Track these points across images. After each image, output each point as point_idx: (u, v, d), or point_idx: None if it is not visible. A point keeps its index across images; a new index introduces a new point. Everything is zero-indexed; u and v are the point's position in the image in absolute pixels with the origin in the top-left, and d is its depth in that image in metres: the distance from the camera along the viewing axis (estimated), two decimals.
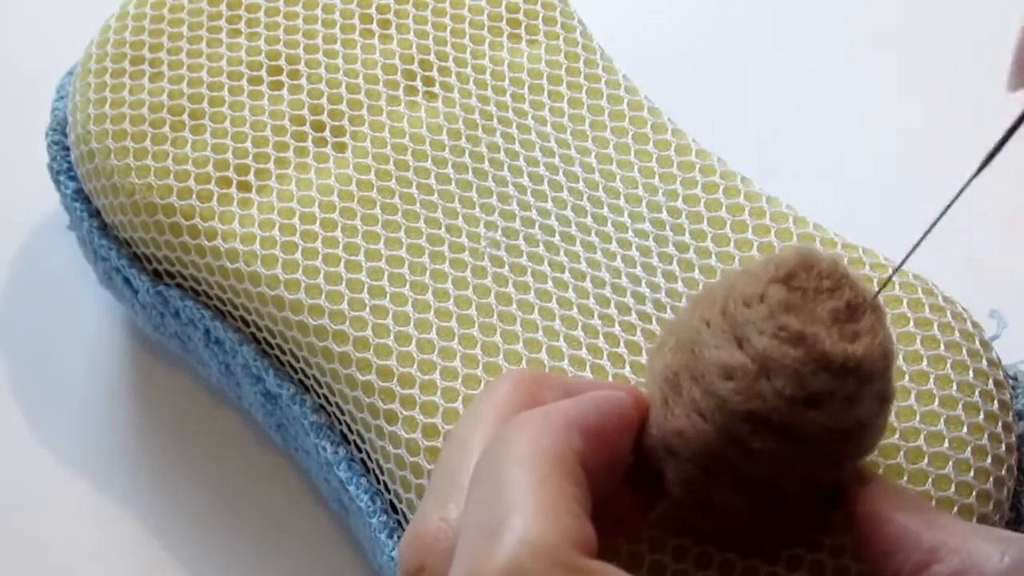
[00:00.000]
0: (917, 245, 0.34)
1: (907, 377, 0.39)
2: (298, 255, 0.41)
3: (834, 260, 0.34)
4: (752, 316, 0.33)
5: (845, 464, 0.34)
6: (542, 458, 0.30)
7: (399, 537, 0.39)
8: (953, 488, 0.37)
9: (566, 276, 0.41)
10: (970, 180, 0.35)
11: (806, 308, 0.33)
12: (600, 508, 0.33)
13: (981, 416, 0.39)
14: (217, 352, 0.43)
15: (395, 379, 0.39)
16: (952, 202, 0.34)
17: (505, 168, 0.43)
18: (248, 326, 0.42)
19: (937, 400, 0.39)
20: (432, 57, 0.45)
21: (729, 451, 0.33)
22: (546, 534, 0.28)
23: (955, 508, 0.37)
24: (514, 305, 0.41)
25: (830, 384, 0.33)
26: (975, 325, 0.41)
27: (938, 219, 0.35)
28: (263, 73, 0.44)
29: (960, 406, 0.39)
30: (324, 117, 0.44)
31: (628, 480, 0.35)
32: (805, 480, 0.34)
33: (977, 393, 0.39)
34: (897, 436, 0.38)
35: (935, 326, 0.40)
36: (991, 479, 0.38)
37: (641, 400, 0.34)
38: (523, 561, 0.28)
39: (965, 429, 0.38)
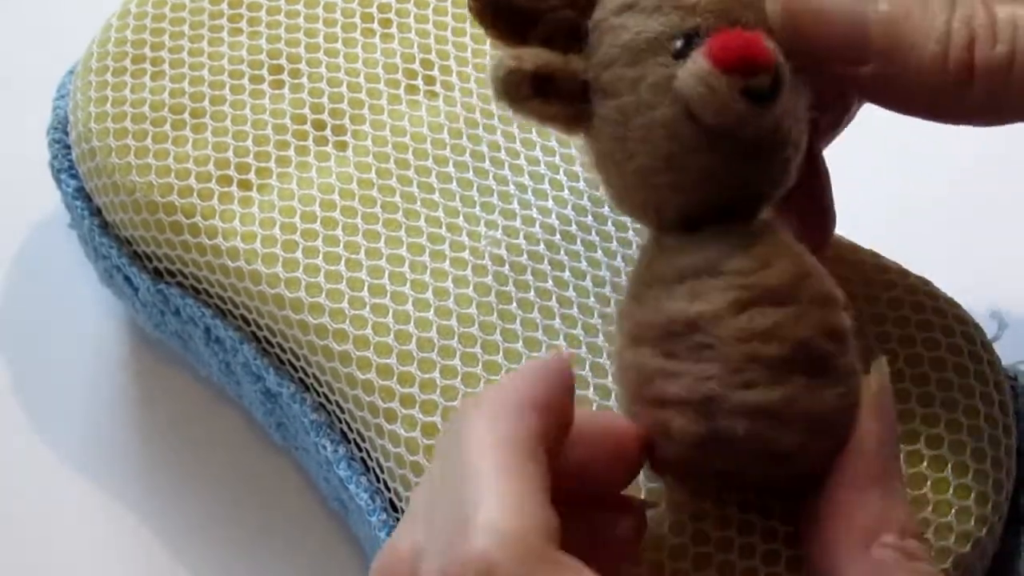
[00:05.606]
0: None
1: (908, 379, 0.39)
2: (298, 253, 0.41)
3: None
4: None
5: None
6: (502, 444, 0.30)
7: None
8: (951, 491, 0.37)
9: (566, 275, 0.41)
10: None
11: None
12: (595, 538, 0.33)
13: (981, 419, 0.39)
14: (217, 350, 0.43)
15: (395, 377, 0.39)
16: None
17: (506, 167, 0.43)
18: (248, 324, 0.42)
19: (937, 402, 0.39)
20: (433, 56, 0.45)
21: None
22: (514, 524, 0.28)
23: (952, 511, 0.37)
24: (514, 303, 0.40)
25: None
26: (976, 328, 0.41)
27: None
28: (264, 72, 0.44)
29: (960, 409, 0.39)
30: (325, 116, 0.44)
31: (619, 507, 0.35)
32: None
33: (977, 396, 0.39)
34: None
35: (937, 328, 0.40)
36: (990, 482, 0.38)
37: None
38: (494, 553, 0.28)
39: (964, 432, 0.38)
